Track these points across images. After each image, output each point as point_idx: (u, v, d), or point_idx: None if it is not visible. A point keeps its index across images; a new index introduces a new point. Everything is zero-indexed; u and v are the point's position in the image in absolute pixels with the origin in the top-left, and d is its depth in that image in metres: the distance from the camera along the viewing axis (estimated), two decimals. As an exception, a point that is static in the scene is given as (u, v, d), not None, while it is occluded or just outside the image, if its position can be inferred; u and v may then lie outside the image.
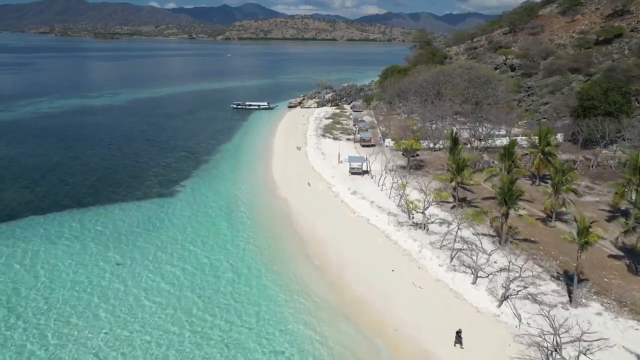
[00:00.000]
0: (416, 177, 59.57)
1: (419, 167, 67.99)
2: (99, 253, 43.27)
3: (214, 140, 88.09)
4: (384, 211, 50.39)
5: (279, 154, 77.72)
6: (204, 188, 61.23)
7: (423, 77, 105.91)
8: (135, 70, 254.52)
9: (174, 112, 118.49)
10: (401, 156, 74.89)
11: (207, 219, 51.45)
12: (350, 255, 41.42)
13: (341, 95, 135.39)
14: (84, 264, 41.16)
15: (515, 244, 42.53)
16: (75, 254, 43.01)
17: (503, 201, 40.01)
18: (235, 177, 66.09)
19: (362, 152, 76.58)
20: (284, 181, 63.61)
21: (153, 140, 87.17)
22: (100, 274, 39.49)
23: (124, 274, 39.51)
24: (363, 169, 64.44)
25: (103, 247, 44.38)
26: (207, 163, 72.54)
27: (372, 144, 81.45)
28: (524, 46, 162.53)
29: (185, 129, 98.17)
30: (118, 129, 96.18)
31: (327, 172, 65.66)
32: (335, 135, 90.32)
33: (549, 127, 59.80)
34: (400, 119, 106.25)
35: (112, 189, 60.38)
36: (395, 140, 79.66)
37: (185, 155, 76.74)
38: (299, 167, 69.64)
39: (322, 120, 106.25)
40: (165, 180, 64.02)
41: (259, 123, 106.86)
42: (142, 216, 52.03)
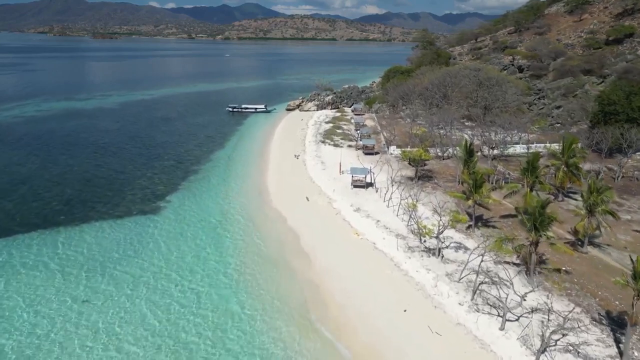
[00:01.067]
0: (426, 192, 53.86)
1: (427, 177, 62.34)
2: (68, 286, 37.58)
3: (205, 147, 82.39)
4: (391, 233, 44.71)
5: (275, 163, 72.03)
6: (192, 203, 55.53)
7: (429, 80, 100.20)
8: (130, 71, 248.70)
9: (165, 115, 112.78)
10: (407, 165, 69.30)
11: (194, 241, 45.77)
12: (355, 290, 35.72)
13: (342, 98, 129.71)
14: (47, 301, 35.47)
15: (544, 274, 36.93)
16: (40, 287, 37.35)
17: (533, 227, 34.31)
18: (227, 190, 60.38)
19: (365, 161, 71.05)
20: (280, 195, 57.93)
21: (140, 147, 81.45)
22: (67, 315, 33.83)
23: (95, 315, 33.80)
24: (367, 181, 58.80)
25: (74, 279, 38.67)
26: (197, 174, 66.82)
27: (376, 151, 75.85)
28: (531, 46, 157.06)
29: (176, 134, 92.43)
30: (104, 135, 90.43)
31: (328, 184, 59.99)
32: (336, 141, 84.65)
33: (573, 136, 54.07)
34: (404, 123, 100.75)
35: (90, 204, 54.65)
36: (401, 149, 74.16)
37: (173, 165, 71.03)
38: (297, 178, 63.94)
39: (321, 125, 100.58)
40: (149, 194, 58.31)
41: (255, 128, 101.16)
42: (122, 238, 46.34)
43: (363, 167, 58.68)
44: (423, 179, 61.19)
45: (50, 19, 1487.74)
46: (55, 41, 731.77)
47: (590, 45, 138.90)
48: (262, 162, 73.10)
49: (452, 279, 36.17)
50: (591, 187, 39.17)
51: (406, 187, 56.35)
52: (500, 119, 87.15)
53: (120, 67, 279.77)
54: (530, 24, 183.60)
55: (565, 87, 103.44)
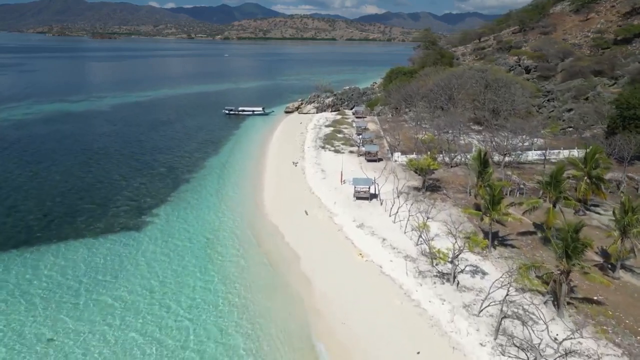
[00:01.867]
0: (436, 206, 49.36)
1: (435, 188, 57.89)
2: (34, 319, 33.17)
3: (199, 153, 77.94)
4: (399, 254, 40.25)
5: (273, 171, 67.58)
6: (181, 218, 51.08)
7: (433, 81, 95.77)
8: (127, 72, 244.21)
9: (160, 118, 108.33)
10: (412, 173, 64.89)
11: (182, 264, 41.29)
12: (361, 326, 31.29)
13: (342, 100, 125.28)
14: (12, 338, 31.06)
15: (574, 305, 32.53)
16: (2, 321, 32.91)
17: (565, 254, 29.89)
18: (220, 202, 55.91)
19: (368, 168, 66.66)
20: (278, 207, 53.51)
21: (131, 153, 76.99)
22: (35, 356, 29.45)
23: (70, 355, 29.44)
24: (371, 191, 54.33)
25: (42, 310, 34.22)
26: (188, 183, 62.37)
27: (379, 158, 71.42)
28: (537, 46, 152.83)
29: (169, 139, 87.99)
30: (93, 139, 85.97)
31: (328, 195, 55.53)
32: (337, 147, 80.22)
33: (597, 146, 49.63)
34: (408, 126, 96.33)
35: (71, 219, 50.21)
36: (406, 156, 69.79)
37: (163, 173, 66.57)
38: (295, 188, 59.51)
39: (321, 129, 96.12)
40: (135, 207, 53.83)
41: (252, 132, 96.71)
42: (101, 260, 41.91)
43: (366, 178, 54.20)
44: (431, 189, 56.76)
45: (50, 19, 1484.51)
46: (53, 41, 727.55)
47: (598, 45, 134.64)
48: (258, 170, 68.67)
49: (470, 312, 31.75)
50: (625, 205, 34.72)
51: (413, 199, 51.91)
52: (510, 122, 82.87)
53: (117, 67, 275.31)
54: (535, 24, 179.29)
55: (576, 89, 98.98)
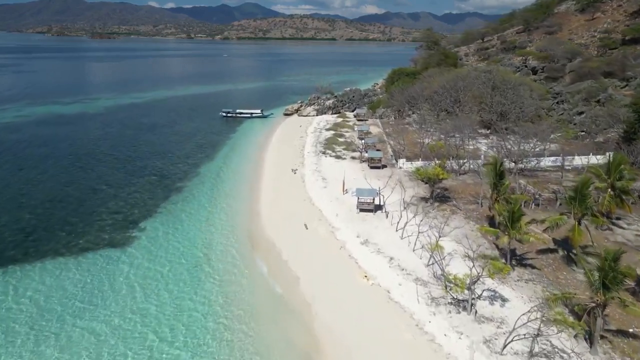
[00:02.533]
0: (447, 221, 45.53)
1: (444, 198, 54.08)
2: (14, 354, 29.47)
3: (193, 159, 74.12)
4: (409, 276, 36.47)
5: (270, 179, 63.76)
6: (171, 233, 47.26)
7: (438, 83, 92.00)
8: (123, 72, 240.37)
9: (154, 121, 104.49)
10: (418, 181, 61.19)
11: (173, 284, 37.66)
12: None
13: (343, 102, 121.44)
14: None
15: (608, 339, 28.77)
16: (-36, 354, 29.22)
17: (602, 286, 26.12)
18: (213, 214, 52.08)
19: (371, 175, 62.82)
20: (275, 220, 49.71)
21: (121, 159, 73.14)
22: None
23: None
24: (375, 202, 50.54)
25: (20, 344, 30.47)
26: (180, 192, 58.50)
27: (383, 164, 67.62)
28: (543, 46, 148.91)
29: (162, 143, 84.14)
30: (83, 144, 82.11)
31: (330, 207, 51.74)
32: (338, 152, 76.44)
33: (621, 154, 45.86)
34: (412, 130, 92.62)
35: (51, 234, 46.40)
36: (412, 162, 66.05)
37: (155, 181, 62.75)
38: (294, 198, 55.69)
39: (321, 132, 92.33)
40: (122, 220, 50.04)
41: (249, 136, 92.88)
42: (87, 280, 38.29)
43: (371, 188, 50.35)
44: (439, 200, 52.97)
45: (49, 18, 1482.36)
46: (52, 41, 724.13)
47: (606, 46, 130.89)
48: (255, 178, 64.84)
49: (492, 349, 27.95)
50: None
51: (421, 211, 48.11)
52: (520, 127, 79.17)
53: (114, 68, 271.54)
54: (539, 23, 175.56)
55: (586, 91, 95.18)
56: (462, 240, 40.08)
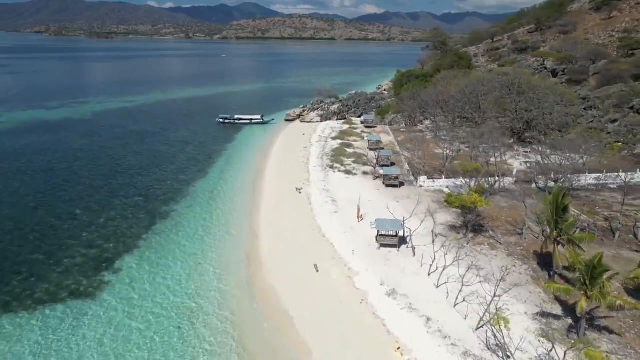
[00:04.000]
0: (504, 273, 37.16)
1: (477, 226, 45.66)
2: None
3: (184, 174, 65.63)
4: (455, 347, 28.08)
5: (271, 201, 55.28)
6: (154, 274, 38.84)
7: (456, 88, 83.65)
8: (117, 74, 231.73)
9: (144, 129, 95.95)
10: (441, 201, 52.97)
11: (153, 347, 29.35)
12: None
13: (348, 106, 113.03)
14: None
15: None
16: None
17: None
18: (203, 250, 43.52)
19: (387, 195, 54.64)
20: (277, 257, 41.28)
21: (103, 175, 64.62)
22: None
23: None
24: (399, 234, 42.09)
25: None
26: (165, 220, 49.97)
27: (401, 182, 59.19)
28: (559, 46, 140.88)
29: (151, 155, 75.62)
30: (63, 157, 73.56)
31: (343, 240, 43.33)
32: (347, 165, 68.01)
33: None
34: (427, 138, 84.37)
35: (6, 278, 37.92)
36: (435, 181, 57.66)
37: (139, 203, 54.26)
38: (300, 226, 47.26)
39: (327, 142, 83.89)
40: (97, 257, 41.61)
41: (248, 145, 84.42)
42: (40, 346, 29.90)
43: (394, 220, 41.81)
44: (472, 229, 44.55)
45: (48, 18, 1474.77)
46: (49, 41, 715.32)
47: (627, 46, 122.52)
48: (254, 199, 56.34)
49: None
50: None
51: (454, 246, 39.78)
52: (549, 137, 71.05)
53: (108, 68, 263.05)
54: (552, 22, 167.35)
55: (617, 96, 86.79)
56: (520, 292, 31.74)
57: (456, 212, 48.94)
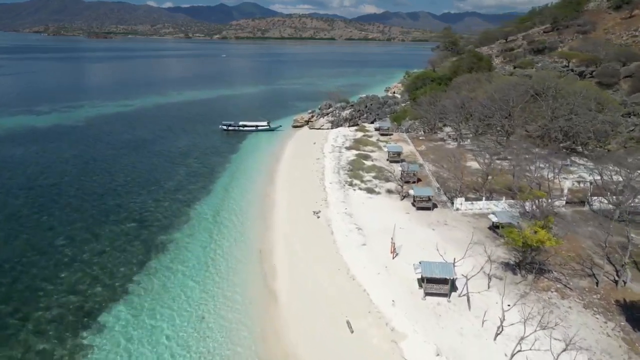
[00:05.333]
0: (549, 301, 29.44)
1: (535, 264, 37.80)
2: None
3: (184, 193, 57.85)
4: None
5: (285, 226, 47.50)
6: (136, 337, 31.07)
7: (485, 93, 75.97)
8: (114, 75, 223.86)
9: (140, 137, 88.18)
10: (483, 228, 45.45)
11: None
12: None
13: (360, 111, 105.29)
14: None
15: None
16: None
17: None
18: (207, 300, 35.68)
19: (419, 220, 46.99)
20: (297, 311, 33.51)
21: (91, 194, 56.80)
22: None
23: None
24: (450, 277, 34.26)
25: None
26: (163, 254, 42.16)
27: (434, 203, 51.43)
28: (580, 47, 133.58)
29: (147, 170, 67.84)
30: (48, 172, 65.64)
31: (378, 283, 35.63)
32: (368, 182, 60.30)
33: None
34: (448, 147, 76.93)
35: (-40, 339, 30.27)
36: (473, 203, 49.92)
37: (130, 232, 46.48)
38: (322, 264, 39.49)
39: (342, 152, 76.21)
40: (74, 310, 33.78)
41: (255, 156, 76.71)
42: None
43: (443, 263, 33.85)
44: (532, 268, 36.81)
45: (47, 18, 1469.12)
46: (47, 41, 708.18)
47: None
48: (264, 224, 48.53)
49: None
50: None
51: (517, 297, 32.14)
52: (594, 149, 63.63)
53: (104, 69, 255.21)
54: (569, 22, 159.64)
55: (659, 102, 79.18)
56: None
57: (499, 240, 41.45)
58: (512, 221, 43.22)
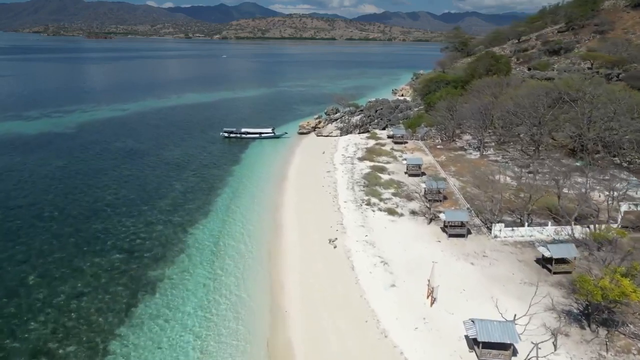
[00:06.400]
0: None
1: (608, 315, 30.99)
2: None
3: (180, 214, 50.92)
4: None
5: (295, 261, 40.57)
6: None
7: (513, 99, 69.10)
8: (110, 77, 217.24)
9: (133, 146, 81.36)
10: (530, 262, 38.78)
11: None
12: None
13: (371, 117, 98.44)
14: None
15: None
16: None
17: None
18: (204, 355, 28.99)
19: (453, 249, 40.25)
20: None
21: (74, 217, 49.85)
22: None
23: None
24: (512, 342, 27.27)
25: None
26: (153, 295, 35.15)
27: (468, 230, 44.53)
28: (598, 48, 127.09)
29: (139, 185, 60.95)
30: (27, 189, 58.71)
31: (416, 342, 28.83)
32: (387, 200, 53.43)
33: None
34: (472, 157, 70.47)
35: None
36: (514, 230, 43.09)
37: (116, 266, 39.59)
38: (345, 312, 32.70)
39: (354, 164, 69.38)
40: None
41: (260, 169, 69.83)
42: None
43: (503, 322, 26.91)
44: (599, 318, 30.03)
45: (47, 18, 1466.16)
46: (45, 41, 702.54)
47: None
48: (272, 258, 41.65)
49: None
50: None
51: (584, 349, 25.42)
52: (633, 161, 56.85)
53: (101, 71, 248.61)
54: (584, 21, 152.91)
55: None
56: None
57: (563, 283, 34.84)
58: (569, 255, 36.60)
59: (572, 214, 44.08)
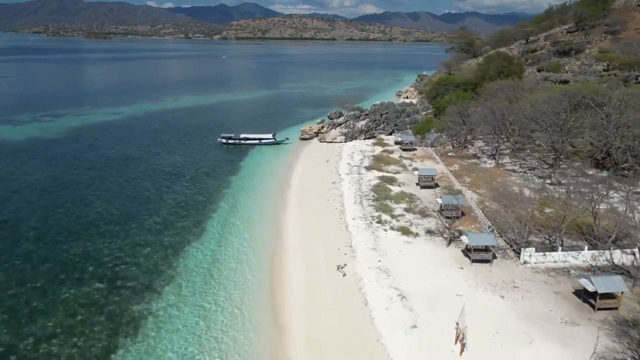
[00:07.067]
0: None
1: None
2: None
3: (170, 233, 45.92)
4: None
5: (300, 294, 35.57)
6: None
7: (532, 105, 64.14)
8: (106, 78, 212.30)
9: (126, 153, 76.42)
10: (566, 294, 34.01)
11: None
12: None
13: (377, 121, 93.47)
14: None
15: None
16: None
17: None
18: None
19: (478, 279, 35.32)
20: None
21: (52, 238, 44.80)
22: None
23: None
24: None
25: None
26: (136, 337, 30.07)
27: (493, 255, 39.48)
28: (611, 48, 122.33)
29: (128, 198, 55.94)
30: (5, 203, 53.77)
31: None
32: (400, 217, 48.46)
33: None
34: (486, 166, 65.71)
35: None
36: (546, 255, 38.16)
37: (94, 300, 34.58)
38: (356, 355, 27.78)
39: (361, 174, 64.39)
40: None
41: (260, 179, 64.80)
42: None
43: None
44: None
45: (46, 18, 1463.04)
46: (45, 41, 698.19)
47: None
48: (272, 288, 36.66)
49: None
50: None
51: None
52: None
53: (98, 72, 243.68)
54: (595, 21, 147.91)
55: None
56: None
57: (610, 321, 29.96)
58: (616, 290, 31.71)
59: (610, 236, 39.22)
